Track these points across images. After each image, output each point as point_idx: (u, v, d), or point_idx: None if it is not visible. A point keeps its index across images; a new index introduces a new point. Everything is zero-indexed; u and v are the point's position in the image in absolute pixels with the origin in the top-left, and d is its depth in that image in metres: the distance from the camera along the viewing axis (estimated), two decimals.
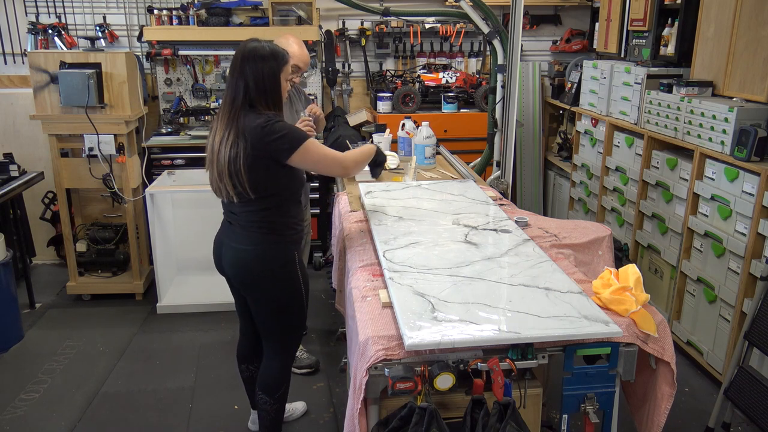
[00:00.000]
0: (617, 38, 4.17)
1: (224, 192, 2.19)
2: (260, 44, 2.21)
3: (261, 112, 2.17)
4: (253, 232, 2.25)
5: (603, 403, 1.81)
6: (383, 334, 1.71)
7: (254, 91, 2.16)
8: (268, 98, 2.20)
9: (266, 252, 2.26)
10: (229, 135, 2.13)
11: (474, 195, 2.87)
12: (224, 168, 2.14)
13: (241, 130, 2.12)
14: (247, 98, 2.16)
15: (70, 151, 3.97)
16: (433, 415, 1.58)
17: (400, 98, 4.65)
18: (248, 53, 2.18)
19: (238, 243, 2.28)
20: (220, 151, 2.14)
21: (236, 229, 2.28)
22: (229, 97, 2.19)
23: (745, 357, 2.58)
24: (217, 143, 2.16)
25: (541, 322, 1.72)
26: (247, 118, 2.14)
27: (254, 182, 2.15)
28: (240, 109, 2.15)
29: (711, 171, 3.12)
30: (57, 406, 3.02)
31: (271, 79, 2.19)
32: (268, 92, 2.19)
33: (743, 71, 3.09)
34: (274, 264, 2.27)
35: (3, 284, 3.45)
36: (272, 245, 2.27)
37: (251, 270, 2.28)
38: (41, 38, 4.46)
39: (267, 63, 2.18)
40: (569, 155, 4.85)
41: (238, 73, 2.17)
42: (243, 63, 2.17)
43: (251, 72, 2.16)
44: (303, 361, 3.25)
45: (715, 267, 3.10)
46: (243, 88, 2.16)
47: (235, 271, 2.32)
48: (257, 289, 2.31)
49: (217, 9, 4.46)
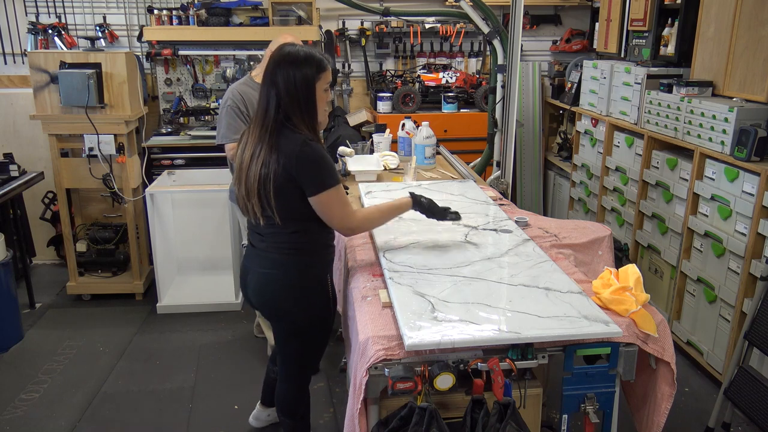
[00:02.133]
0: (617, 38, 4.17)
1: (251, 212, 2.02)
2: (295, 48, 1.99)
3: (298, 128, 1.96)
4: (281, 255, 2.07)
5: (603, 403, 1.81)
6: (383, 334, 1.71)
7: (287, 101, 1.95)
8: (302, 110, 1.97)
9: (294, 275, 2.08)
10: (260, 151, 1.95)
11: (474, 195, 2.87)
12: (253, 187, 1.96)
13: (274, 147, 1.94)
14: (281, 109, 1.95)
15: (70, 151, 3.97)
16: (433, 415, 1.58)
17: (400, 98, 4.65)
18: (281, 58, 1.97)
19: (263, 267, 2.10)
20: (251, 168, 1.96)
21: (261, 252, 2.11)
22: (262, 108, 1.99)
23: (745, 357, 2.58)
24: (248, 159, 1.98)
25: (541, 322, 1.72)
26: (283, 134, 1.95)
27: (283, 208, 1.98)
28: (273, 121, 1.95)
29: (711, 171, 3.12)
30: (57, 406, 3.02)
31: (304, 87, 1.95)
32: (302, 103, 1.96)
33: (743, 71, 3.09)
34: (302, 288, 2.09)
35: (3, 284, 3.45)
36: (301, 268, 2.08)
37: (277, 295, 2.10)
38: (41, 38, 4.46)
39: (300, 69, 1.95)
40: (569, 155, 4.85)
41: (270, 80, 1.97)
42: (275, 69, 1.96)
43: (282, 79, 1.94)
44: None
45: (715, 267, 3.10)
46: (275, 98, 1.95)
47: (259, 298, 2.15)
48: (283, 315, 2.14)
49: (217, 9, 4.46)
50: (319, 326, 2.18)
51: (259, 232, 2.11)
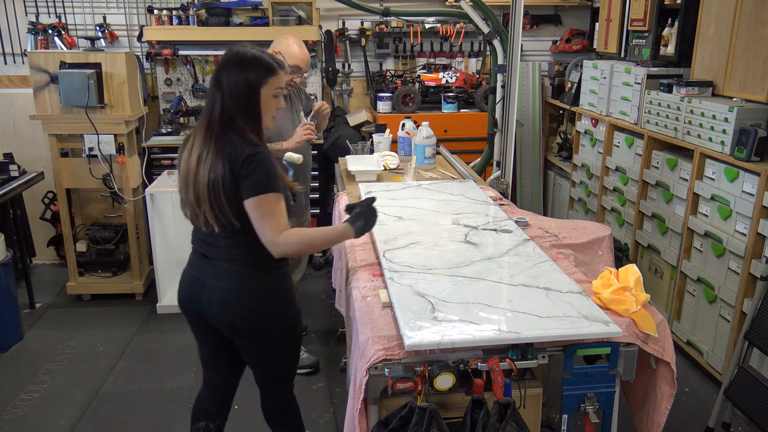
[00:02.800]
0: (617, 38, 4.17)
1: (202, 219, 1.93)
2: (244, 50, 1.93)
3: (244, 132, 1.90)
4: (242, 268, 1.97)
5: (603, 403, 1.81)
6: (383, 334, 1.71)
7: (230, 104, 1.89)
8: (246, 114, 1.90)
9: (256, 289, 1.99)
10: (207, 154, 1.88)
11: (474, 195, 2.87)
12: (203, 193, 1.88)
13: (220, 151, 1.87)
14: (225, 112, 1.89)
15: (70, 151, 3.97)
16: (433, 415, 1.58)
17: (400, 98, 4.65)
18: (227, 59, 1.91)
19: (226, 281, 1.98)
20: (199, 173, 1.88)
21: (218, 263, 1.99)
22: (207, 110, 1.93)
23: (745, 357, 2.58)
24: (194, 162, 1.90)
25: (541, 322, 1.72)
26: (229, 138, 1.89)
27: (239, 214, 1.89)
28: (218, 124, 1.89)
29: (711, 171, 3.12)
30: (57, 406, 3.01)
31: (247, 91, 1.89)
32: (244, 107, 1.90)
33: (743, 71, 3.09)
34: (272, 301, 2.01)
35: (3, 284, 3.45)
36: (263, 280, 2.00)
37: (241, 311, 1.98)
38: (41, 38, 4.46)
39: (245, 72, 1.89)
40: (569, 155, 4.85)
41: (215, 81, 1.91)
42: (221, 70, 1.90)
43: (227, 81, 1.88)
44: (303, 361, 3.20)
45: (715, 267, 3.10)
46: (219, 100, 1.89)
47: (226, 314, 2.01)
48: (254, 333, 2.03)
49: (217, 9, 4.46)
50: (288, 338, 2.10)
51: (211, 243, 2.00)
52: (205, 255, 2.03)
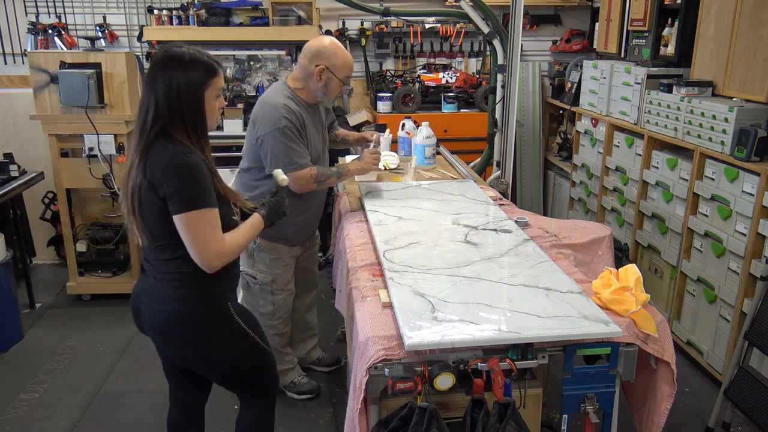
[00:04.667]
0: (617, 38, 4.17)
1: (131, 230, 1.83)
2: (181, 50, 1.76)
3: (178, 140, 1.74)
4: (172, 288, 1.84)
5: (603, 403, 1.81)
6: (383, 334, 1.71)
7: (165, 110, 1.72)
8: (185, 121, 1.74)
9: (193, 313, 1.85)
10: (134, 163, 1.76)
11: (474, 195, 2.87)
12: (128, 201, 1.78)
13: (143, 158, 1.74)
14: (159, 119, 1.73)
15: (70, 151, 3.96)
16: (433, 415, 1.58)
17: (400, 98, 4.65)
18: (164, 60, 1.74)
19: (156, 302, 1.87)
20: (127, 182, 1.77)
21: (151, 280, 1.89)
22: (140, 117, 1.76)
23: (745, 357, 2.58)
24: (126, 169, 1.79)
25: (541, 322, 1.72)
26: (156, 144, 1.74)
27: (151, 227, 1.79)
28: (149, 131, 1.74)
29: (711, 171, 3.12)
30: (57, 406, 3.01)
31: (189, 94, 1.74)
32: (186, 112, 1.74)
33: (743, 71, 3.09)
34: (206, 326, 1.87)
35: (3, 284, 3.45)
36: (199, 303, 1.85)
37: (181, 337, 1.88)
38: (41, 38, 4.46)
39: (185, 73, 1.74)
40: (569, 155, 4.85)
41: (150, 85, 1.75)
42: (156, 73, 1.74)
43: (164, 85, 1.72)
44: (303, 385, 3.02)
45: (715, 267, 3.10)
46: (153, 105, 1.73)
47: (161, 338, 1.94)
48: (195, 356, 1.92)
49: (217, 9, 4.46)
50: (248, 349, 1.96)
51: (146, 258, 1.90)
52: (143, 269, 1.95)
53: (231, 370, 1.99)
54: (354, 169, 2.78)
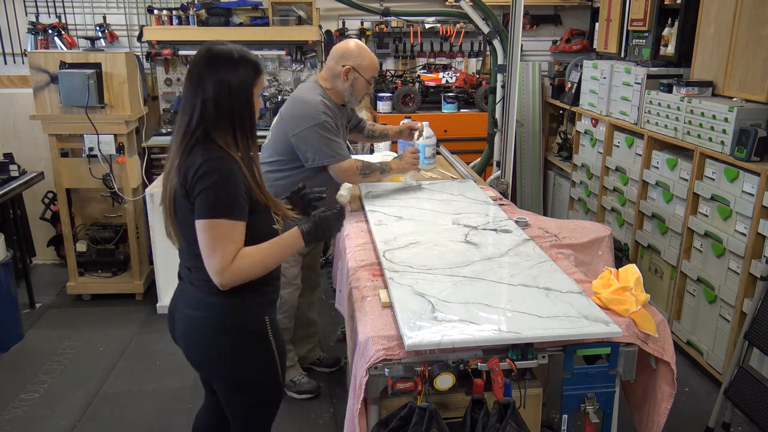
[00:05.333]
0: (617, 38, 4.17)
1: (169, 234, 1.76)
2: (227, 47, 1.68)
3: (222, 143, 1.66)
4: (208, 295, 1.73)
5: (603, 403, 1.81)
6: (383, 334, 1.71)
7: (212, 112, 1.64)
8: (234, 122, 1.67)
9: (226, 318, 1.75)
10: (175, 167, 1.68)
11: (474, 195, 2.87)
12: (166, 205, 1.71)
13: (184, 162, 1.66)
14: (204, 121, 1.65)
15: (70, 151, 3.97)
16: (433, 415, 1.58)
17: (400, 98, 4.65)
18: (211, 59, 1.66)
19: (190, 308, 1.78)
20: (168, 184, 1.70)
21: (186, 287, 1.80)
22: (184, 120, 1.68)
23: (745, 357, 2.58)
24: (166, 172, 1.72)
25: (541, 322, 1.72)
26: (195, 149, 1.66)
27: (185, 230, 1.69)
28: (192, 135, 1.66)
29: (711, 171, 3.12)
30: (57, 406, 3.01)
31: (240, 93, 1.66)
32: (234, 113, 1.66)
33: (743, 71, 3.09)
34: (237, 334, 1.76)
35: (3, 284, 3.45)
36: (235, 309, 1.75)
37: (209, 343, 1.77)
38: (41, 38, 4.46)
39: (236, 71, 1.66)
40: (569, 155, 4.85)
41: (195, 86, 1.66)
42: (203, 72, 1.65)
43: (213, 84, 1.64)
44: (303, 385, 3.03)
45: (715, 267, 3.10)
46: (200, 107, 1.65)
47: (186, 343, 1.82)
48: (216, 367, 1.81)
49: (217, 9, 4.46)
50: (264, 380, 1.84)
51: (185, 264, 1.80)
52: (180, 277, 1.86)
53: (248, 393, 1.86)
54: (395, 168, 2.85)
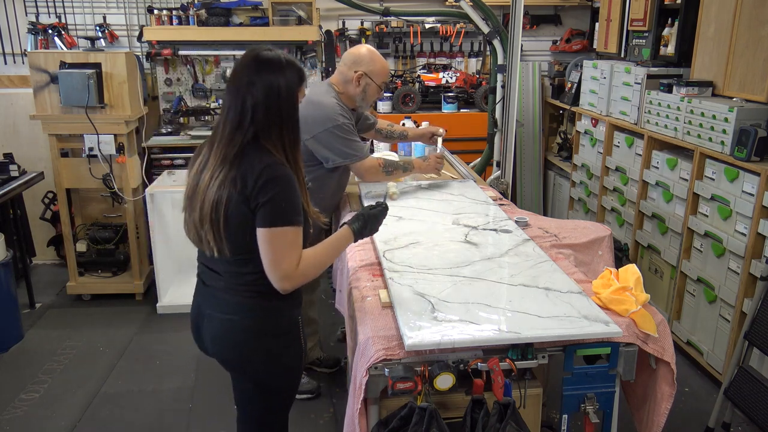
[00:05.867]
0: (617, 38, 4.17)
1: (205, 242, 1.71)
2: (273, 53, 1.70)
3: (271, 149, 1.67)
4: (244, 298, 1.75)
5: (603, 403, 1.81)
6: (383, 334, 1.71)
7: (263, 117, 1.65)
8: (283, 126, 1.68)
9: (260, 320, 1.77)
10: (221, 173, 1.65)
11: (474, 195, 2.87)
12: (207, 212, 1.67)
13: (234, 166, 1.64)
14: (254, 125, 1.65)
15: (70, 151, 3.97)
16: (433, 415, 1.58)
17: (400, 98, 4.65)
18: (260, 62, 1.66)
19: (223, 312, 1.77)
20: (208, 191, 1.66)
21: (218, 293, 1.78)
22: (232, 123, 1.66)
23: (745, 357, 2.58)
24: (206, 179, 1.67)
25: (541, 322, 1.72)
26: (251, 154, 1.65)
27: (235, 241, 1.69)
28: (243, 138, 1.65)
29: (711, 171, 3.12)
30: (57, 406, 3.01)
31: (287, 98, 1.67)
32: (284, 117, 1.67)
33: (743, 71, 3.09)
34: (270, 335, 1.78)
35: (3, 284, 3.45)
36: (268, 312, 1.77)
37: (241, 344, 1.78)
38: (41, 38, 4.46)
39: (284, 76, 1.67)
40: (569, 155, 4.85)
41: (245, 89, 1.65)
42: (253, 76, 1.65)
43: (263, 88, 1.64)
44: (303, 385, 2.99)
45: (715, 267, 3.10)
46: (250, 110, 1.64)
47: (221, 347, 1.82)
48: (247, 367, 1.83)
49: (217, 9, 4.47)
50: (287, 380, 1.90)
51: (214, 269, 1.79)
52: (205, 283, 1.83)
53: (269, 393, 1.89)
54: (418, 167, 2.88)
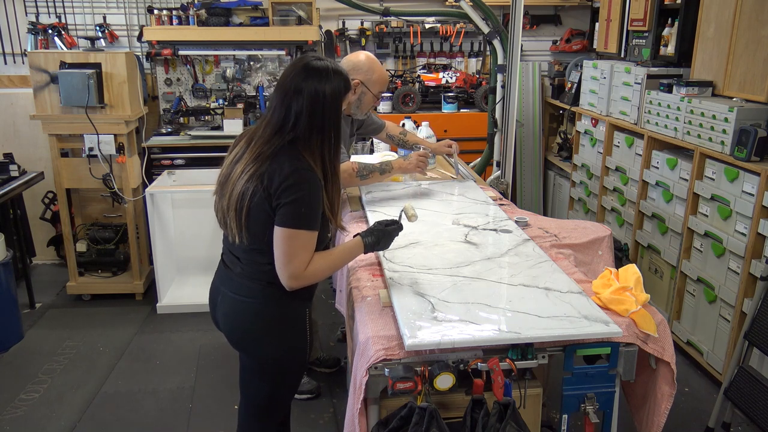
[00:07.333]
0: (617, 38, 4.17)
1: (229, 228, 1.80)
2: (322, 62, 1.75)
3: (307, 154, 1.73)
4: (259, 285, 1.84)
5: (603, 403, 1.81)
6: (383, 334, 1.71)
7: (306, 122, 1.71)
8: (324, 133, 1.73)
9: (272, 307, 1.87)
10: (252, 168, 1.73)
11: (474, 195, 2.87)
12: (233, 201, 1.75)
13: (268, 167, 1.71)
14: (296, 129, 1.72)
15: (70, 151, 3.97)
16: (433, 415, 1.58)
17: (400, 98, 4.65)
18: (310, 69, 1.72)
19: (236, 292, 1.88)
20: (238, 182, 1.74)
21: (235, 276, 1.88)
22: (275, 126, 1.73)
23: (745, 357, 2.58)
24: (238, 171, 1.75)
25: (541, 322, 1.72)
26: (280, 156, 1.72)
27: (254, 234, 1.77)
28: (280, 141, 1.73)
29: (711, 171, 3.12)
30: (57, 406, 3.01)
31: (333, 105, 1.72)
32: (326, 125, 1.73)
33: (743, 71, 3.09)
34: (278, 320, 1.88)
35: (3, 284, 3.45)
36: (279, 301, 1.85)
37: (250, 324, 1.88)
38: (41, 38, 4.46)
39: (331, 83, 1.72)
40: (569, 155, 4.85)
41: (292, 93, 1.71)
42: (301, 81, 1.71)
43: (310, 93, 1.70)
44: (303, 385, 3.01)
45: (715, 267, 3.10)
46: (294, 115, 1.71)
47: (230, 323, 1.93)
48: (254, 347, 1.93)
49: (217, 9, 4.46)
50: (291, 365, 1.97)
51: (235, 254, 1.88)
52: (226, 264, 1.94)
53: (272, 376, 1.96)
54: (398, 167, 2.79)
